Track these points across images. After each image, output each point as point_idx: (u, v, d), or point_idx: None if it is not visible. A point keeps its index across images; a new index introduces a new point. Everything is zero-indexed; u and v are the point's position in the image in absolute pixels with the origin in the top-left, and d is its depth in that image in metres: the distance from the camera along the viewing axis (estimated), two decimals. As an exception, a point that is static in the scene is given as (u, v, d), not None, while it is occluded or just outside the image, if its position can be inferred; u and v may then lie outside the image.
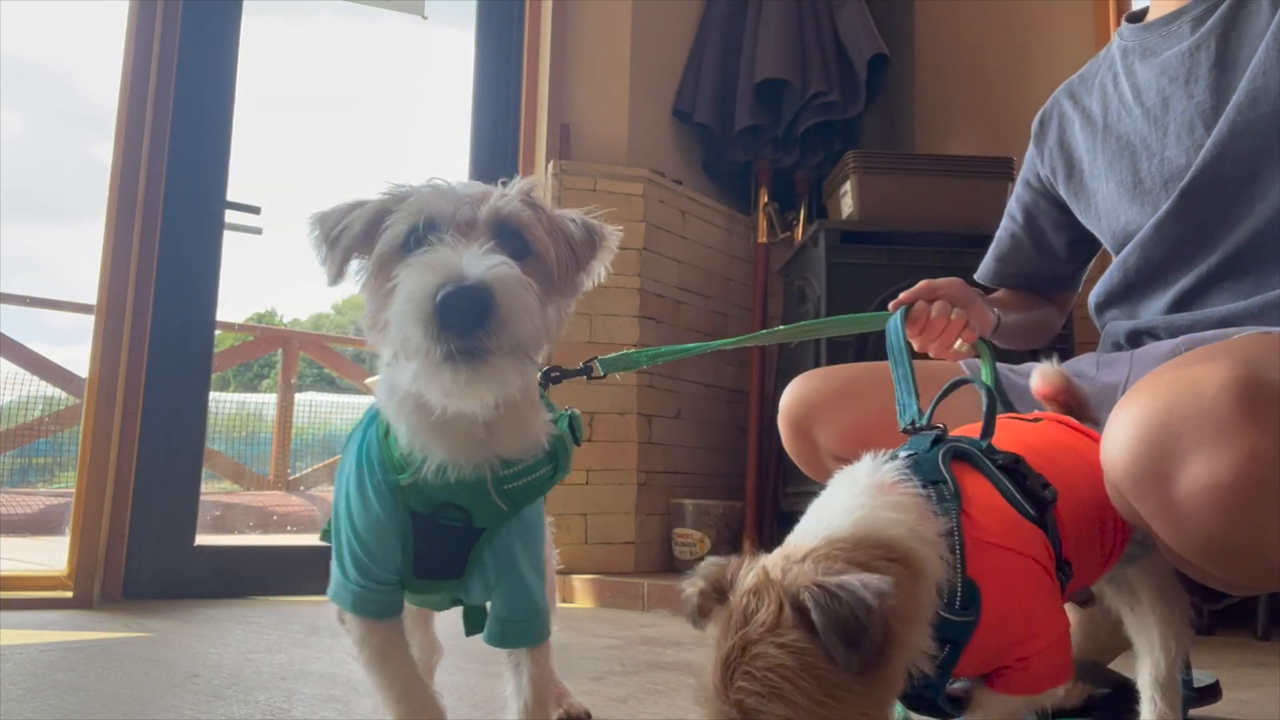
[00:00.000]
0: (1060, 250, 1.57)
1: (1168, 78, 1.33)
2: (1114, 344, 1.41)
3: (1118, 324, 1.39)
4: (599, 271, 0.97)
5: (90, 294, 2.72)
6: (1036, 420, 1.07)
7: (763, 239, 3.61)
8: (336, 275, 0.89)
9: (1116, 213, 1.39)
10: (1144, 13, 1.43)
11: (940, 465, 0.86)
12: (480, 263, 0.78)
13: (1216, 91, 1.26)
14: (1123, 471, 0.90)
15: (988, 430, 0.93)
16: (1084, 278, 1.63)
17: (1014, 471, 0.88)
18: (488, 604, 1.02)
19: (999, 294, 1.63)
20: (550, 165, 3.22)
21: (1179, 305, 1.30)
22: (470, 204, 0.86)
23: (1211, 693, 1.47)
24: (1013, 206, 1.60)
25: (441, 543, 0.94)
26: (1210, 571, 0.92)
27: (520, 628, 1.00)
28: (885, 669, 0.69)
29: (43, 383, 5.65)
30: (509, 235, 0.86)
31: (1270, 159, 1.20)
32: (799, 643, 0.66)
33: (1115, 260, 1.40)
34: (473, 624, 1.04)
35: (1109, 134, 1.41)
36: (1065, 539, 0.89)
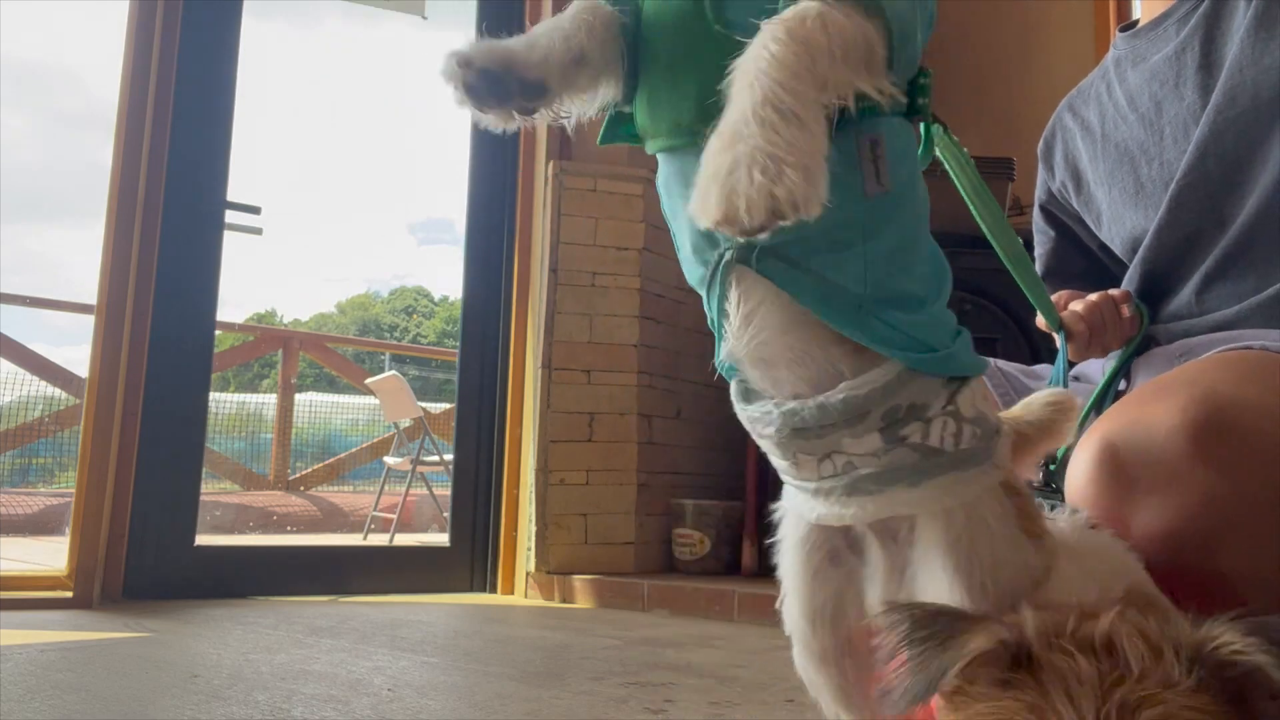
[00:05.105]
0: (1098, 252, 1.57)
1: (1158, 82, 1.33)
2: None
3: None
4: None
5: (90, 294, 2.73)
6: None
7: (763, 239, 3.60)
8: None
9: (1122, 219, 1.39)
10: (1136, 23, 1.43)
11: None
12: None
13: (1205, 91, 1.26)
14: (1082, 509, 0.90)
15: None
16: None
17: None
18: None
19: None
20: (550, 165, 3.22)
21: (1187, 308, 1.29)
22: None
23: None
24: (1038, 231, 1.57)
25: None
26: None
27: None
28: None
29: (43, 383, 5.66)
30: None
31: (1253, 154, 1.20)
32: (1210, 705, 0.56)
33: (1127, 273, 1.40)
34: None
35: (1107, 142, 1.41)
36: None
